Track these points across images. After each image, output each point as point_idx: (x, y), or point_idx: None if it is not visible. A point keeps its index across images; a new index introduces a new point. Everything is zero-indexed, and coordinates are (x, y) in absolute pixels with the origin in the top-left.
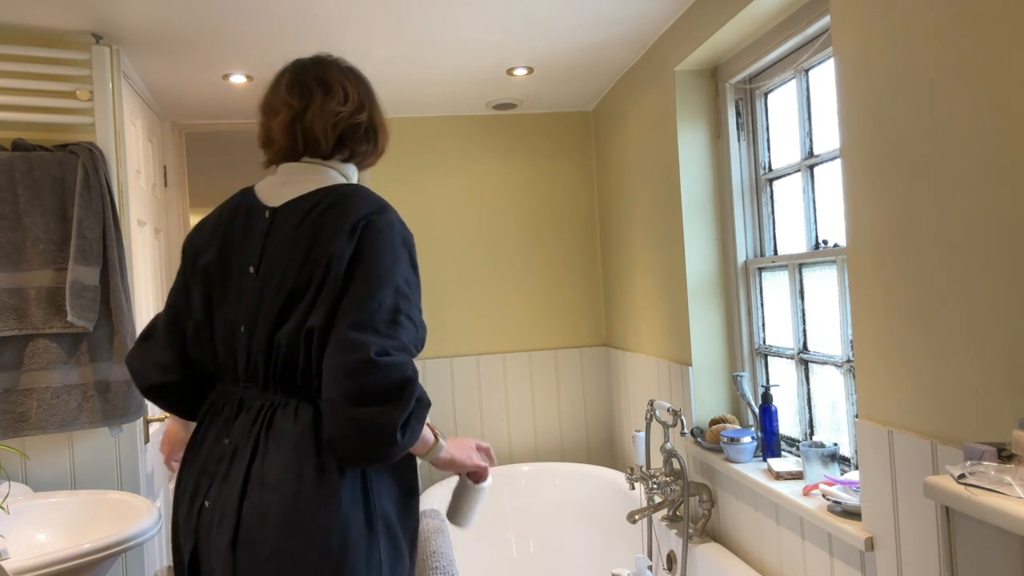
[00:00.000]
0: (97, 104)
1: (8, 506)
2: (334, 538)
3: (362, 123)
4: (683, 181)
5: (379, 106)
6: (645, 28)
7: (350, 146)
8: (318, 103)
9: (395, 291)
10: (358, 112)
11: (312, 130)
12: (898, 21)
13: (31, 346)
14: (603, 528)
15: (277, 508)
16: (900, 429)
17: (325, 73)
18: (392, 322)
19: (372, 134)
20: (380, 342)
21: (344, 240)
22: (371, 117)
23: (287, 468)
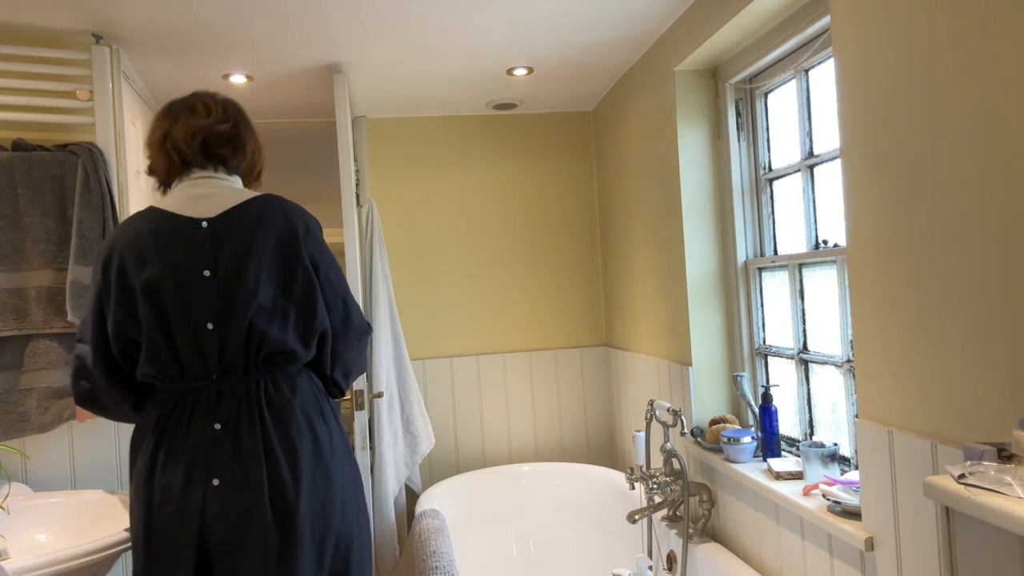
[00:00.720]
0: (97, 104)
1: (8, 506)
2: (348, 475)
3: (224, 132)
4: (683, 181)
5: (247, 122)
6: (645, 28)
7: (218, 154)
8: (181, 121)
9: (344, 282)
10: (220, 123)
11: (177, 144)
12: (898, 21)
13: (31, 346)
14: (603, 528)
15: (304, 466)
16: (900, 429)
17: (190, 98)
18: (357, 305)
19: (238, 144)
20: (366, 324)
21: (300, 246)
22: (235, 128)
23: (299, 431)
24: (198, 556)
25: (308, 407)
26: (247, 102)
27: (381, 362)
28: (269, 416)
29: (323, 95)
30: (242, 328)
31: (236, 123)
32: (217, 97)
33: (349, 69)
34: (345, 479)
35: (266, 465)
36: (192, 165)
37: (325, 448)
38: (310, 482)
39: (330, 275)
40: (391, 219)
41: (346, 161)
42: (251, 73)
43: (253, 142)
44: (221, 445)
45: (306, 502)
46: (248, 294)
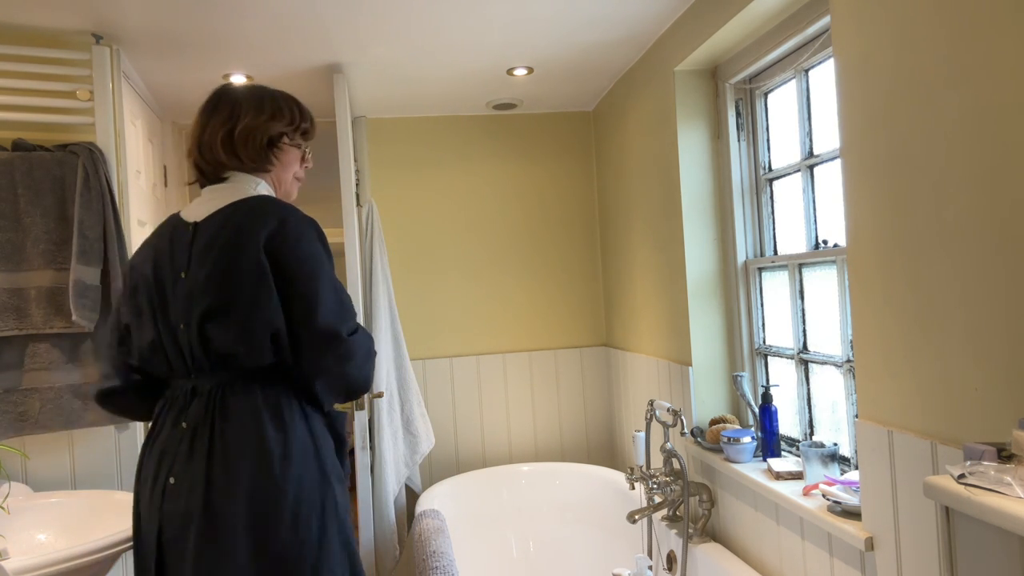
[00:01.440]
0: (97, 104)
1: (8, 506)
2: (290, 490)
3: (233, 129)
4: (683, 181)
5: (260, 115)
6: (645, 28)
7: (239, 154)
8: (208, 124)
9: (329, 281)
10: (236, 121)
11: (207, 147)
12: (898, 21)
13: (32, 346)
14: (603, 528)
15: (243, 473)
16: (900, 429)
17: (215, 98)
18: (342, 307)
19: (252, 140)
20: (343, 328)
21: (252, 243)
22: (249, 124)
23: (245, 437)
24: (157, 552)
25: (261, 412)
26: None
27: (381, 362)
28: (219, 419)
29: (323, 95)
30: (194, 329)
31: (249, 119)
32: (234, 94)
33: (349, 69)
34: (300, 494)
35: (207, 469)
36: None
37: (275, 458)
38: (248, 492)
39: (298, 274)
40: (391, 219)
41: (346, 161)
42: (251, 73)
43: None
44: (182, 444)
45: (241, 512)
46: (199, 294)
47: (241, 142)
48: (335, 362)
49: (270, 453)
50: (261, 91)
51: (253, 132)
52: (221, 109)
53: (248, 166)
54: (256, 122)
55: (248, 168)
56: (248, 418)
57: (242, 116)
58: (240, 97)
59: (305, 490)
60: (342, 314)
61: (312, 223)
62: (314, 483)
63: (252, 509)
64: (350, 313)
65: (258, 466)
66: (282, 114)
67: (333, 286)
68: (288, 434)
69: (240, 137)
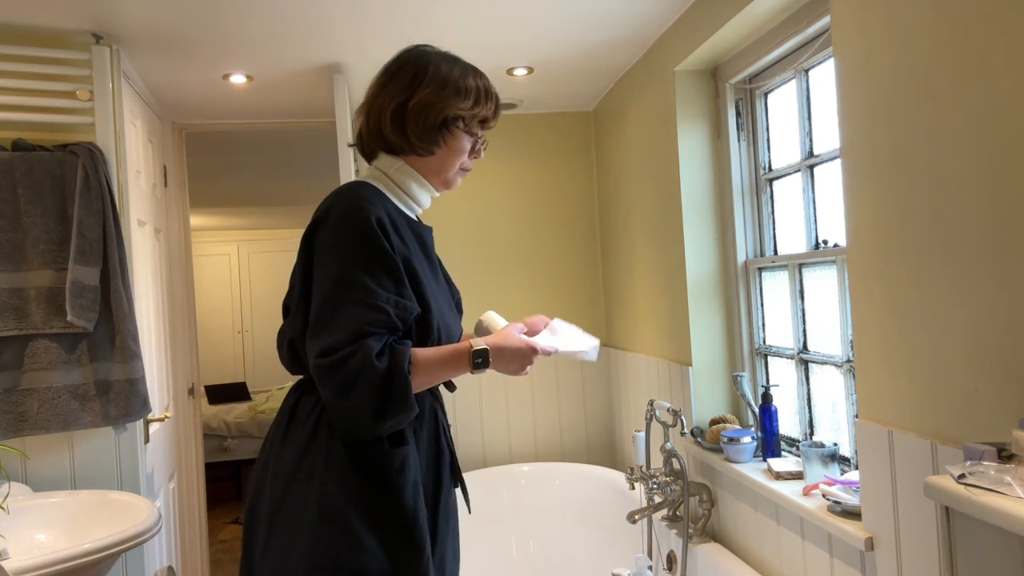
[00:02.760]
0: (97, 104)
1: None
2: (272, 501)
3: (407, 101)
4: (683, 181)
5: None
6: (645, 28)
7: (406, 129)
8: (382, 90)
9: (334, 285)
10: (412, 92)
11: (375, 116)
12: (898, 21)
13: (31, 346)
14: (603, 528)
15: (257, 471)
16: (900, 429)
17: (400, 61)
18: (328, 318)
19: (423, 117)
20: (315, 346)
21: (306, 239)
22: (426, 98)
23: (269, 439)
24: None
25: (281, 418)
26: (247, 102)
27: None
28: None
29: (323, 95)
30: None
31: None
32: (400, 56)
33: (349, 69)
34: (280, 511)
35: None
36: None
37: (271, 469)
38: (255, 495)
39: (319, 274)
40: None
41: (346, 161)
42: (251, 73)
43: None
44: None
45: (251, 511)
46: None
47: (412, 116)
48: (325, 387)
49: (272, 459)
50: (452, 62)
51: (428, 108)
52: (402, 75)
53: (411, 146)
54: (435, 97)
55: (406, 148)
56: (278, 423)
57: (421, 88)
58: (426, 64)
59: (290, 514)
60: (317, 325)
61: (357, 210)
62: (295, 507)
63: (252, 512)
64: (332, 326)
65: (263, 470)
66: (467, 94)
67: (326, 290)
68: (288, 449)
69: (412, 111)
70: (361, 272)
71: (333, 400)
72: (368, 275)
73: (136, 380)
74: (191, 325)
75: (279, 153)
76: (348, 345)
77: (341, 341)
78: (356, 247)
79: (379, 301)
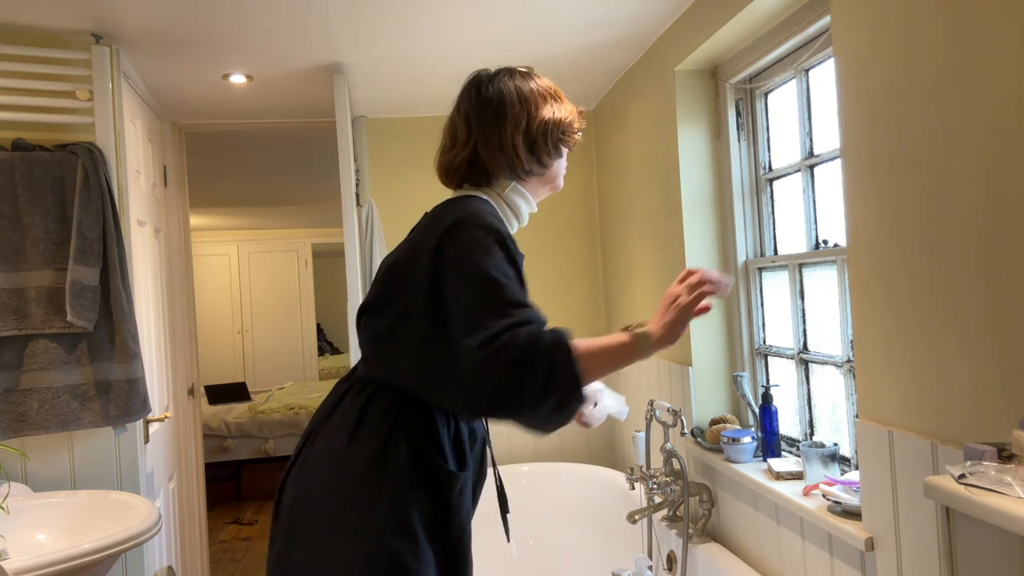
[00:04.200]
0: (97, 104)
1: (8, 506)
2: (330, 498)
3: (530, 127)
4: (683, 181)
5: (547, 103)
6: (645, 28)
7: (538, 152)
8: (495, 127)
9: (483, 286)
10: (530, 118)
11: (503, 150)
12: (898, 21)
13: (31, 346)
14: (603, 528)
15: (307, 465)
16: (900, 429)
17: (492, 99)
18: (483, 315)
19: (551, 133)
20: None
21: (429, 260)
22: (546, 116)
23: (326, 436)
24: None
25: (351, 418)
26: (247, 102)
27: None
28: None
29: (323, 95)
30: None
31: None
32: (460, 104)
33: (349, 69)
34: (344, 512)
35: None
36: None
37: (330, 465)
38: (304, 489)
39: (461, 280)
40: (391, 219)
41: (346, 161)
42: (251, 73)
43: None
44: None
45: (296, 506)
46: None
47: (540, 136)
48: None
49: (320, 458)
50: (523, 77)
51: (549, 124)
52: (506, 104)
53: (540, 164)
54: (549, 113)
55: (534, 168)
56: (337, 420)
57: (536, 109)
58: (515, 87)
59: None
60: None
61: (491, 223)
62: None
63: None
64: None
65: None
66: (559, 97)
67: (476, 292)
68: (358, 449)
69: (539, 132)
70: (505, 277)
71: (500, 383)
72: (511, 279)
73: (136, 380)
74: (191, 325)
75: (279, 153)
76: (508, 331)
77: (501, 328)
78: (497, 255)
79: (527, 299)
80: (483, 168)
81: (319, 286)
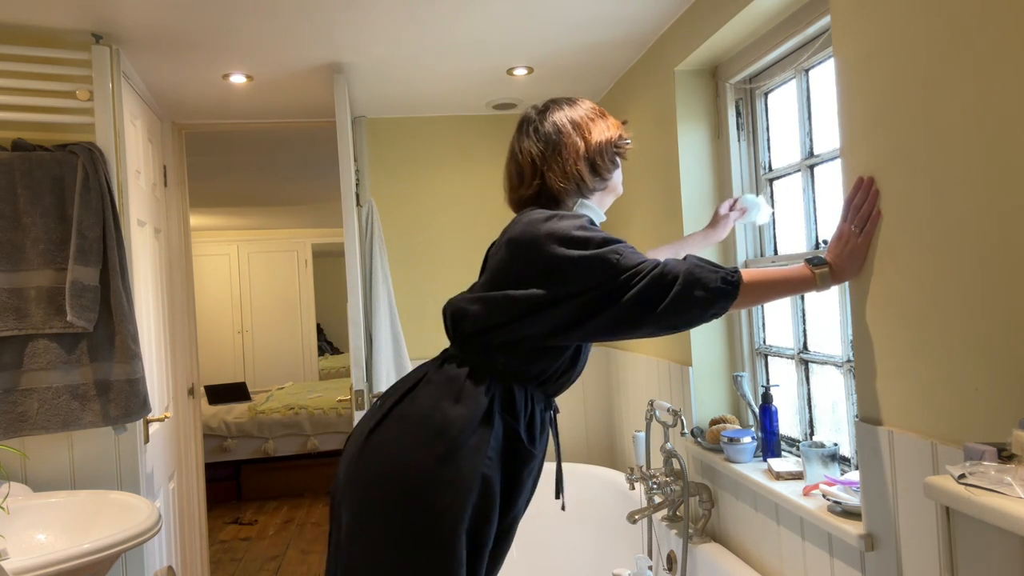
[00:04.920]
0: (97, 104)
1: (8, 506)
2: (428, 454)
3: (588, 146)
4: (683, 181)
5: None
6: (645, 28)
7: (599, 169)
8: (556, 150)
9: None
10: (585, 139)
11: (563, 174)
12: (898, 21)
13: (31, 346)
14: (603, 528)
15: (392, 425)
16: (900, 429)
17: (549, 128)
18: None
19: (607, 152)
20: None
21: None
22: (599, 135)
23: (421, 401)
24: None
25: (457, 385)
26: (247, 102)
27: (381, 362)
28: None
29: (323, 95)
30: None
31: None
32: (544, 127)
33: (349, 69)
34: (441, 464)
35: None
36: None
37: (431, 425)
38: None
39: (579, 264)
40: (391, 219)
41: (346, 161)
42: (251, 73)
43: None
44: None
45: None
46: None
47: (598, 156)
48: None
49: (418, 423)
50: (570, 104)
51: (603, 145)
52: (563, 132)
53: (602, 182)
54: (601, 134)
55: (598, 187)
56: (437, 385)
57: (588, 133)
58: (568, 114)
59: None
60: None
61: (584, 222)
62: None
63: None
64: (631, 265)
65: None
66: (606, 115)
67: (603, 262)
68: (459, 411)
69: (596, 153)
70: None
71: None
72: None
73: (136, 380)
74: (191, 325)
75: (279, 153)
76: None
77: (647, 263)
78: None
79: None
80: (553, 196)
81: (319, 286)
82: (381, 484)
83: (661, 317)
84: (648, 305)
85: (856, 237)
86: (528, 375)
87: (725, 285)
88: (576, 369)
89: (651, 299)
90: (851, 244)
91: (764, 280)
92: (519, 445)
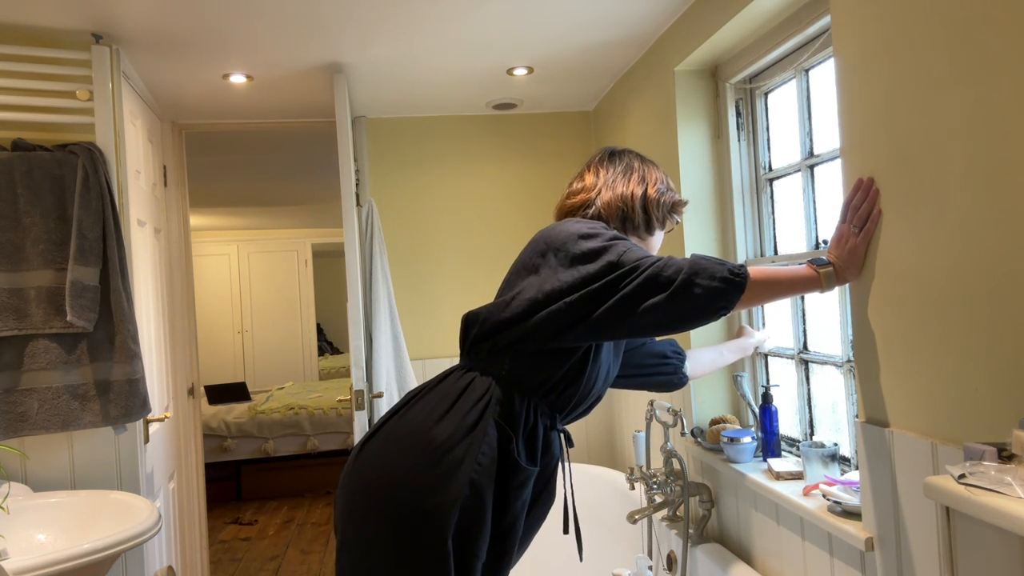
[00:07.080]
0: (97, 104)
1: (8, 506)
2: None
3: (647, 189)
4: (683, 181)
5: (615, 183)
6: (645, 28)
7: (651, 212)
8: (621, 178)
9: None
10: (587, 192)
11: (621, 201)
12: (898, 21)
13: (31, 346)
14: (603, 528)
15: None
16: (900, 429)
17: (619, 157)
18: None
19: (663, 203)
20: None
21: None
22: (660, 187)
23: (421, 411)
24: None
25: (453, 393)
26: (247, 102)
27: (381, 362)
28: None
29: (323, 95)
30: None
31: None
32: (618, 158)
33: (349, 69)
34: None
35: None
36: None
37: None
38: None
39: (600, 257)
40: (391, 219)
41: (346, 161)
42: (251, 73)
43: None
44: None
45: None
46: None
47: (654, 202)
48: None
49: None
50: (652, 160)
51: (662, 196)
52: (634, 169)
53: (648, 225)
54: (666, 194)
55: (640, 228)
56: (436, 393)
57: (655, 182)
58: (647, 165)
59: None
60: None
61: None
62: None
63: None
64: (636, 259)
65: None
66: (672, 188)
67: (615, 253)
68: (449, 421)
69: (653, 198)
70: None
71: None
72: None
73: (136, 380)
74: (191, 325)
75: (279, 153)
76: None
77: (651, 256)
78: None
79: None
80: (598, 214)
81: (319, 286)
82: (370, 491)
83: (666, 307)
84: (652, 295)
85: (855, 236)
86: (532, 383)
87: (732, 276)
88: (583, 383)
89: (655, 288)
90: (850, 244)
91: (770, 278)
92: (512, 457)
